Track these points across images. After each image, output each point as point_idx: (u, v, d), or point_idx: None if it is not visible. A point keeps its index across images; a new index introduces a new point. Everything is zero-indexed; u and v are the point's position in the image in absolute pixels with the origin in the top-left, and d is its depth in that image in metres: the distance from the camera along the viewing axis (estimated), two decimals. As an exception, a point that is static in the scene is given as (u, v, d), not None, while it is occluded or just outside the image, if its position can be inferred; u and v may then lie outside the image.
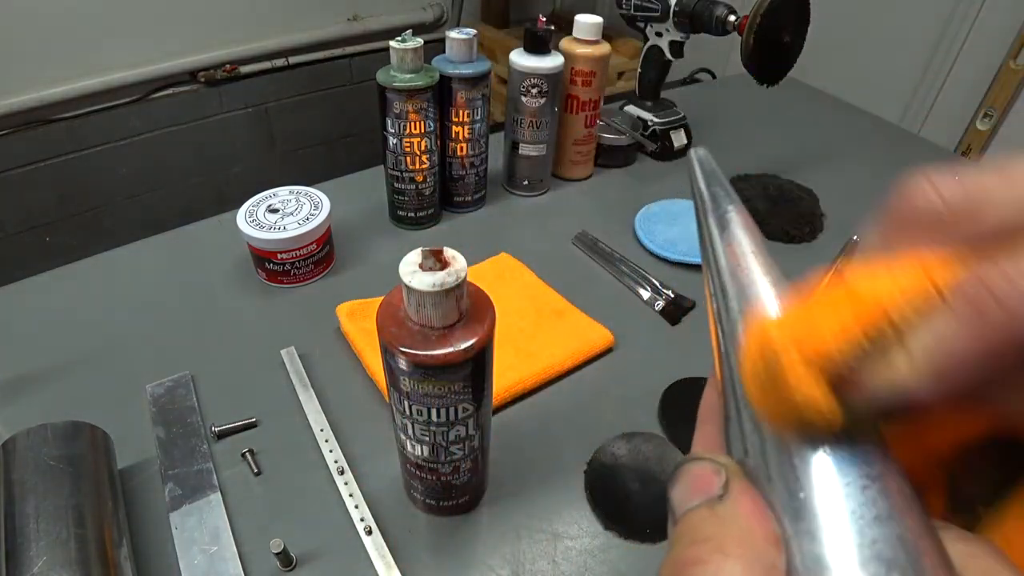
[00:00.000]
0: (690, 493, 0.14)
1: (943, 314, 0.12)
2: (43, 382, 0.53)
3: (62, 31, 1.47)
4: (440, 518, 0.45)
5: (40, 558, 0.34)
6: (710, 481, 0.14)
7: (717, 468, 0.14)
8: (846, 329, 0.12)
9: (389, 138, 0.65)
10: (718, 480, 0.14)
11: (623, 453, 0.48)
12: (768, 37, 0.68)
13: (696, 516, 0.14)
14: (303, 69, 1.87)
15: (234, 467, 0.47)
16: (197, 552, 0.41)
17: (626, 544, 0.43)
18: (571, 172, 0.82)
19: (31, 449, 0.39)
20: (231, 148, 1.87)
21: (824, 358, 0.13)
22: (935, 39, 1.35)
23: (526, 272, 0.65)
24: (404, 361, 0.33)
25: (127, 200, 1.76)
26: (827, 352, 0.13)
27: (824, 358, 0.13)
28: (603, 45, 0.73)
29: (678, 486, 0.15)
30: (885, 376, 0.12)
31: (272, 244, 0.59)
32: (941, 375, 0.12)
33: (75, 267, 0.65)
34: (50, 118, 1.55)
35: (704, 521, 0.14)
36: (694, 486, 0.14)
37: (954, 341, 0.12)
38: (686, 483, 0.15)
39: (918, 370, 0.12)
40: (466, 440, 0.38)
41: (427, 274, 0.31)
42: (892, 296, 0.12)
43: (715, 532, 0.13)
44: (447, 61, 0.65)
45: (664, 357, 0.57)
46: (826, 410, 0.13)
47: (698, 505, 0.14)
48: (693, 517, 0.14)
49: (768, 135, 0.97)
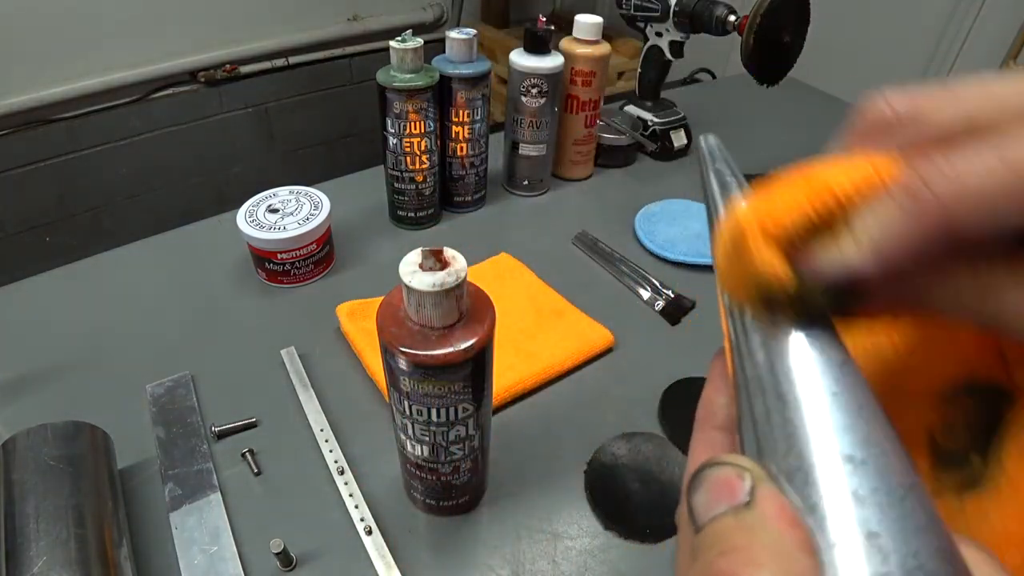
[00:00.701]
0: (714, 500, 0.14)
1: (884, 200, 0.14)
2: (43, 382, 0.53)
3: (62, 31, 1.47)
4: (440, 518, 0.45)
5: (40, 558, 0.34)
6: (735, 486, 0.14)
7: (741, 472, 0.14)
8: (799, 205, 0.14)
9: (389, 138, 0.65)
10: (743, 485, 0.13)
11: (623, 453, 0.48)
12: (768, 37, 0.68)
13: (723, 525, 0.13)
14: (303, 69, 1.87)
15: (234, 467, 0.47)
16: (197, 552, 0.41)
17: (626, 544, 0.43)
18: (571, 172, 0.82)
19: (31, 449, 0.39)
20: (231, 148, 1.87)
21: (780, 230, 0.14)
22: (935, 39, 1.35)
23: (526, 272, 0.65)
24: (404, 361, 0.33)
25: (127, 200, 1.76)
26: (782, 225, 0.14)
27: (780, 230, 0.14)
28: (603, 45, 0.73)
29: (700, 492, 0.14)
30: (833, 252, 0.14)
31: (272, 244, 0.59)
32: (880, 254, 0.14)
33: (75, 267, 0.65)
34: (50, 118, 1.55)
35: (732, 530, 0.13)
36: (717, 492, 0.14)
37: (892, 223, 0.13)
38: (708, 489, 0.14)
39: (861, 248, 0.14)
40: (466, 440, 0.38)
41: (427, 274, 0.31)
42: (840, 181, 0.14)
43: (745, 541, 0.13)
44: (447, 61, 0.65)
45: (664, 357, 0.57)
46: (781, 273, 0.15)
47: (723, 512, 0.13)
48: (719, 526, 0.13)
49: (768, 135, 0.97)
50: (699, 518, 0.14)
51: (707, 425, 0.18)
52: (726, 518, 0.13)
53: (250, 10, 1.70)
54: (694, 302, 0.63)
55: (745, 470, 0.14)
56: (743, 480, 0.14)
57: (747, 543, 0.12)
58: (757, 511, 0.13)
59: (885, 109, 0.15)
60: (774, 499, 0.13)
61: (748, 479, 0.13)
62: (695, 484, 0.14)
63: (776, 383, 0.15)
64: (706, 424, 0.19)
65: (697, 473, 0.14)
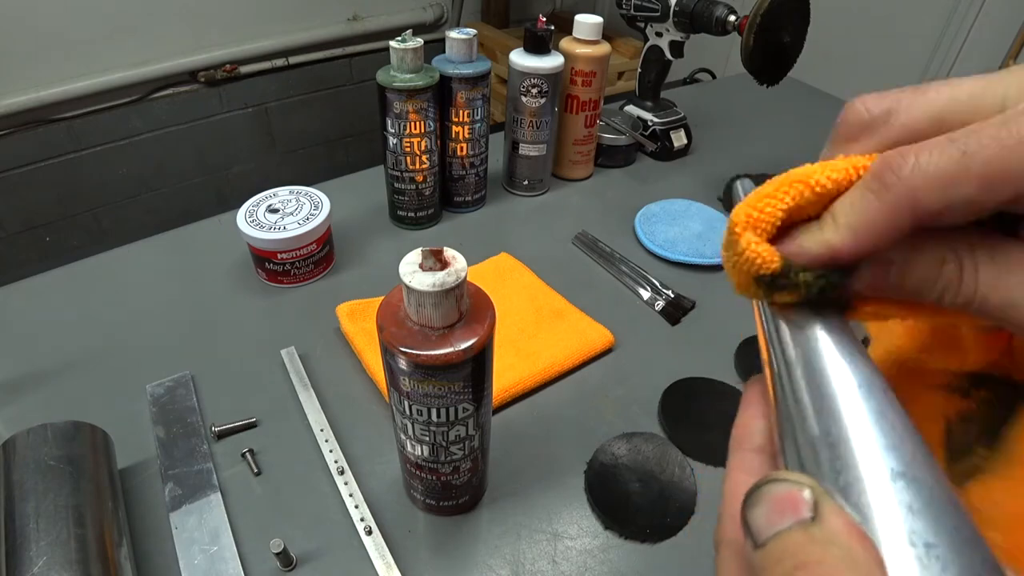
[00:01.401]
0: (776, 515, 0.14)
1: (857, 186, 0.16)
2: (43, 382, 0.53)
3: (62, 31, 1.47)
4: (440, 518, 0.45)
5: (40, 558, 0.34)
6: (798, 501, 0.14)
7: (802, 488, 0.14)
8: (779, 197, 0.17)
9: (389, 138, 0.65)
10: (807, 501, 0.13)
11: (623, 453, 0.48)
12: (768, 37, 0.68)
13: (791, 539, 0.13)
14: (303, 69, 1.87)
15: (234, 467, 0.47)
16: (197, 552, 0.41)
17: (626, 544, 0.43)
18: (571, 172, 0.82)
19: (31, 449, 0.39)
20: (231, 148, 1.87)
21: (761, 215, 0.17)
22: (935, 39, 1.35)
23: (526, 272, 0.65)
24: (404, 361, 0.33)
25: (127, 200, 1.76)
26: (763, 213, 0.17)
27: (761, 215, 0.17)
28: (603, 45, 0.73)
29: (759, 508, 0.14)
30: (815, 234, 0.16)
31: (272, 244, 0.59)
32: (855, 230, 0.15)
33: (75, 267, 0.65)
34: (50, 118, 1.55)
35: (804, 545, 0.13)
36: (780, 507, 0.14)
37: (864, 204, 0.15)
38: (769, 505, 0.14)
39: (838, 227, 0.16)
40: (466, 440, 0.38)
41: (427, 274, 0.31)
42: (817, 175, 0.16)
43: (820, 556, 0.13)
44: (447, 61, 0.65)
45: (664, 357, 0.57)
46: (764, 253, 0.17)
47: (789, 528, 0.13)
48: (788, 541, 0.13)
49: (768, 135, 0.97)
50: (761, 534, 0.14)
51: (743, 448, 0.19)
52: (794, 533, 0.13)
53: (250, 10, 1.70)
54: (694, 302, 0.63)
55: (805, 486, 0.14)
56: (804, 495, 0.14)
57: (823, 557, 0.13)
58: (826, 526, 0.13)
59: (862, 111, 0.17)
60: (840, 515, 0.13)
61: (810, 494, 0.14)
62: (753, 500, 0.14)
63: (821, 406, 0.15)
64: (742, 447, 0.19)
65: (754, 490, 0.15)
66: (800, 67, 0.74)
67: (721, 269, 0.68)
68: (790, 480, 0.14)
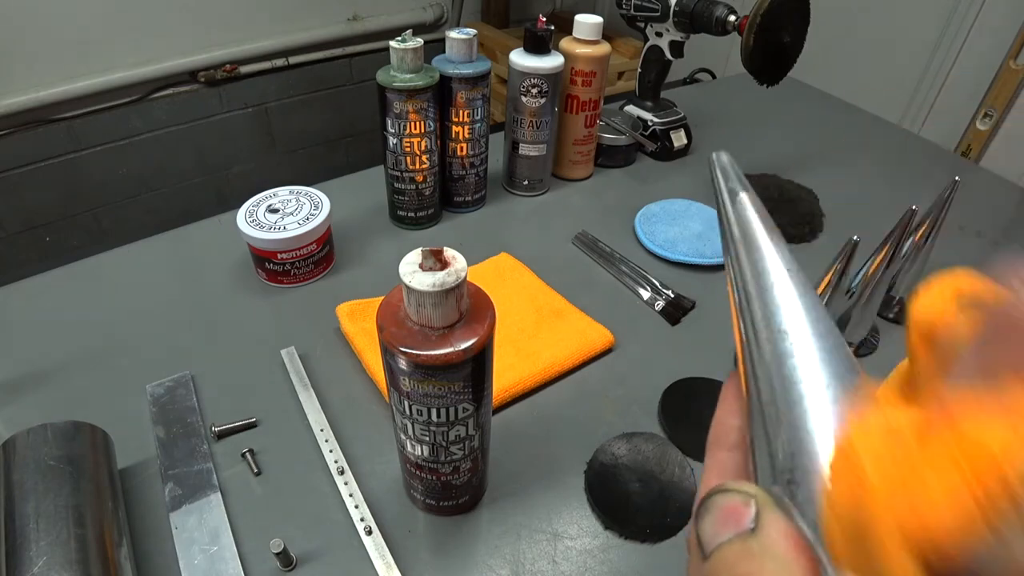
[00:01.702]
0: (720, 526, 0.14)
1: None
2: (43, 382, 0.53)
3: (62, 31, 1.47)
4: (440, 518, 0.45)
5: (40, 558, 0.34)
6: (740, 513, 0.14)
7: (747, 499, 0.14)
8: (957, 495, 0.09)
9: (389, 138, 0.65)
10: (748, 512, 0.14)
11: (623, 453, 0.48)
12: (768, 37, 0.68)
13: (730, 551, 0.13)
14: (303, 69, 1.87)
15: (234, 467, 0.47)
16: (197, 552, 0.41)
17: (626, 544, 0.43)
18: (571, 172, 0.82)
19: (31, 449, 0.39)
20: (231, 148, 1.87)
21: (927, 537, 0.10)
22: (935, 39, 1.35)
23: (526, 272, 0.65)
24: (404, 361, 0.33)
25: (127, 200, 1.76)
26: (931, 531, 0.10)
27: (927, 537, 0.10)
28: (603, 45, 0.73)
29: (706, 519, 0.14)
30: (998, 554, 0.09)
31: (272, 244, 0.59)
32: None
33: (75, 267, 0.65)
34: (50, 118, 1.55)
35: (739, 557, 0.13)
36: (723, 519, 0.14)
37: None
38: (714, 516, 0.14)
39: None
40: (466, 440, 0.38)
41: (427, 274, 0.31)
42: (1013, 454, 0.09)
43: (752, 568, 0.13)
44: (447, 61, 0.65)
45: (664, 357, 0.57)
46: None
47: (729, 540, 0.13)
48: (727, 552, 0.13)
49: (768, 135, 0.97)
50: (707, 545, 0.14)
51: (718, 447, 0.19)
52: (733, 544, 0.13)
53: (250, 10, 1.70)
54: (694, 302, 0.63)
55: (751, 496, 0.14)
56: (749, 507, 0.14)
57: (755, 570, 0.13)
58: (763, 537, 0.13)
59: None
60: (779, 525, 0.13)
61: (753, 505, 0.14)
62: (703, 511, 0.14)
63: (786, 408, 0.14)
64: (718, 446, 0.19)
65: (704, 500, 0.15)
66: (800, 67, 0.74)
67: (721, 269, 0.68)
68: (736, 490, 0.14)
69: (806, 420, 0.14)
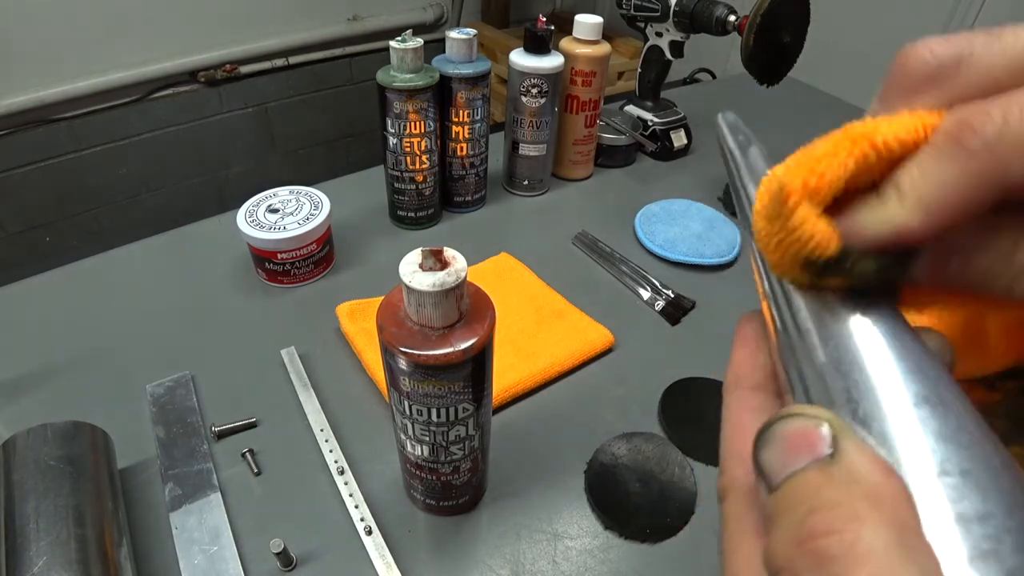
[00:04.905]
0: (791, 455, 0.12)
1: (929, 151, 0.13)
2: (43, 382, 0.53)
3: (62, 31, 1.47)
4: (440, 518, 0.45)
5: (40, 558, 0.34)
6: (814, 438, 0.12)
7: (818, 423, 0.12)
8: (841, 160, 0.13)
9: (389, 138, 0.65)
10: (824, 437, 0.12)
11: (623, 453, 0.48)
12: (768, 37, 0.68)
13: (807, 480, 0.12)
14: (303, 69, 1.87)
15: (234, 467, 0.47)
16: (197, 552, 0.41)
17: (626, 544, 0.43)
18: (571, 172, 0.82)
19: (31, 449, 0.39)
20: (231, 148, 1.87)
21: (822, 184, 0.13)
22: (935, 39, 1.35)
23: (526, 272, 0.65)
24: (404, 361, 0.33)
25: (127, 200, 1.76)
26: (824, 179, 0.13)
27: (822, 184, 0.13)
28: (603, 45, 0.73)
29: (771, 448, 0.13)
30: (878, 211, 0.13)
31: (272, 244, 0.59)
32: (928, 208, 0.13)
33: (75, 267, 0.65)
34: (50, 118, 1.55)
35: (822, 485, 0.12)
36: (794, 446, 0.12)
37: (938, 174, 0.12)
38: (782, 444, 0.13)
39: (906, 203, 0.13)
40: (466, 440, 0.38)
41: (427, 274, 0.31)
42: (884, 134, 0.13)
43: (840, 496, 0.11)
44: (447, 61, 0.65)
45: (664, 357, 0.57)
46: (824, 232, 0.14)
47: (805, 468, 0.12)
48: (803, 482, 0.12)
49: (768, 135, 0.96)
50: (774, 476, 0.13)
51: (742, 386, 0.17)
52: (810, 473, 0.12)
53: (250, 10, 1.70)
54: (694, 302, 0.63)
55: (823, 420, 0.13)
56: (822, 430, 0.12)
57: (844, 497, 0.11)
58: (846, 463, 0.12)
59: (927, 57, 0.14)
60: (862, 449, 0.12)
61: (828, 429, 0.12)
62: (765, 440, 0.13)
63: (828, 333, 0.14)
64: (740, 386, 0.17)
65: (765, 429, 0.13)
66: (800, 67, 0.74)
67: (721, 269, 0.68)
68: (805, 415, 0.13)
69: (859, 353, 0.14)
